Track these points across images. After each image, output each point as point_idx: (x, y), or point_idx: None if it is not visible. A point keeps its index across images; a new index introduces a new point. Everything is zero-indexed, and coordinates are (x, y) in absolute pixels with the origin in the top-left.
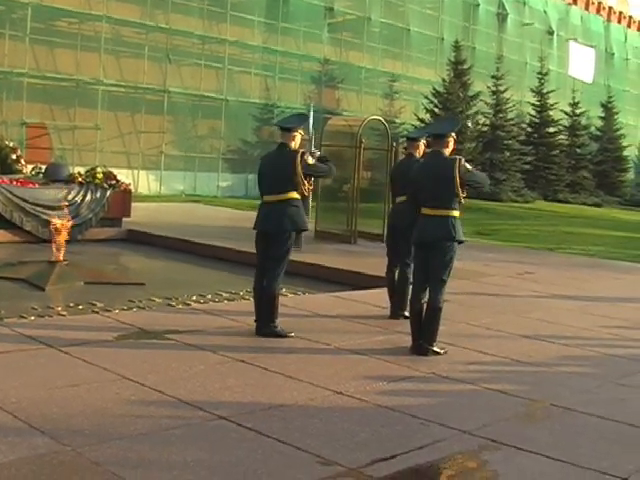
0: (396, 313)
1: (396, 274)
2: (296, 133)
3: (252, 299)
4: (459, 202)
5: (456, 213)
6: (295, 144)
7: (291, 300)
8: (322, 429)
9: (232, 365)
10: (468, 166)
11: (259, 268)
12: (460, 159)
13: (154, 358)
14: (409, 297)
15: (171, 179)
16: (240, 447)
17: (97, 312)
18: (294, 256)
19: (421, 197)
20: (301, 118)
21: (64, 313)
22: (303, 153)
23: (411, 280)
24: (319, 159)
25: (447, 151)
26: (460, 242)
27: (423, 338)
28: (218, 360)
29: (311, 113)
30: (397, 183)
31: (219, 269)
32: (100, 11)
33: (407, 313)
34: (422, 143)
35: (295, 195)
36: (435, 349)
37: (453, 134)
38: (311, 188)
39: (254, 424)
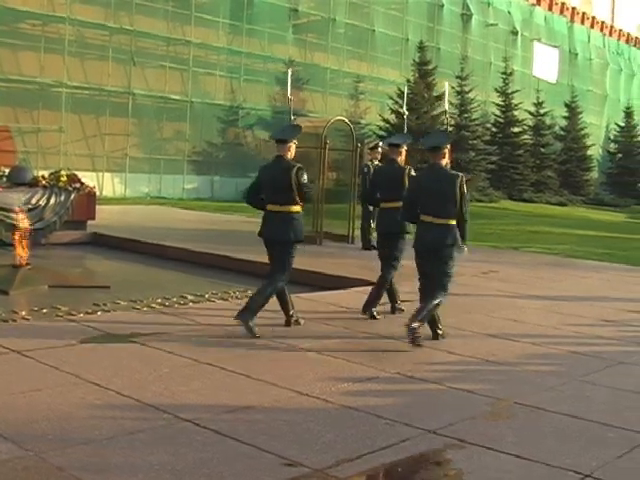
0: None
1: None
2: (291, 144)
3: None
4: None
5: (454, 221)
6: (291, 154)
7: None
8: (287, 430)
9: (197, 368)
10: (465, 188)
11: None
12: (462, 177)
13: (119, 361)
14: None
15: (136, 181)
16: (205, 450)
17: (61, 316)
18: (259, 258)
19: (422, 206)
20: (295, 129)
21: (28, 317)
22: (299, 169)
23: (389, 282)
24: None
25: (444, 162)
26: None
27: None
28: (183, 363)
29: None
30: (382, 188)
31: (185, 271)
32: (63, 13)
33: (375, 312)
34: (404, 149)
35: (297, 208)
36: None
37: (448, 146)
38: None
39: (219, 427)
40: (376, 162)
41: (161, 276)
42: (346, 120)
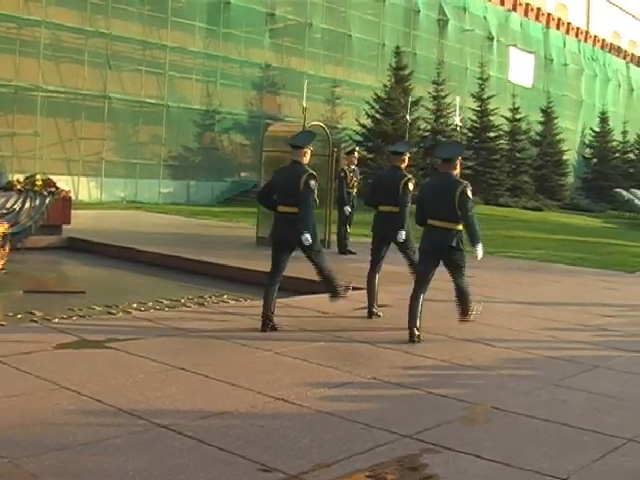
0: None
1: (376, 278)
2: (306, 150)
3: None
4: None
5: (460, 226)
6: (306, 160)
7: (232, 307)
8: (263, 436)
9: (173, 373)
10: (469, 194)
11: (271, 272)
12: (466, 185)
13: (94, 367)
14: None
15: (112, 186)
16: (181, 456)
17: (36, 321)
18: (234, 263)
19: (428, 211)
20: (310, 136)
21: (3, 323)
22: (309, 175)
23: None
24: None
25: (455, 172)
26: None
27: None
28: (159, 368)
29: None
30: (381, 193)
31: (160, 276)
32: (39, 16)
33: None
34: (407, 157)
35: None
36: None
37: (460, 158)
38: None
39: (195, 432)
40: (353, 167)
41: (137, 281)
42: (322, 125)
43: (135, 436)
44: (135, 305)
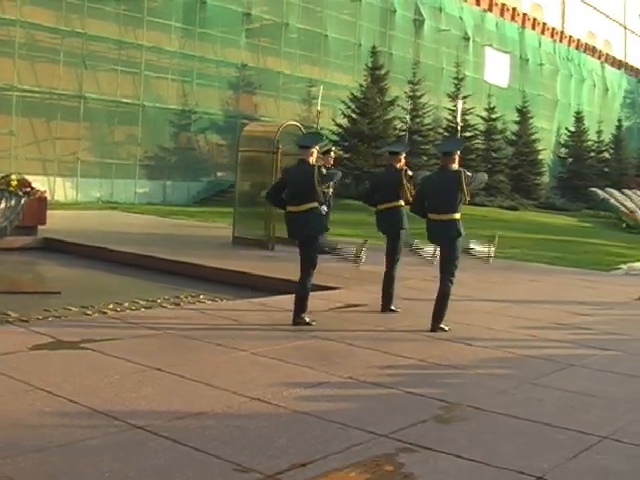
0: (386, 307)
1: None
2: (313, 150)
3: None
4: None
5: (458, 215)
6: (313, 159)
7: (209, 306)
8: (239, 436)
9: (148, 374)
10: (468, 173)
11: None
12: (463, 171)
13: (69, 368)
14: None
15: (88, 186)
16: (157, 456)
17: (12, 322)
18: (210, 263)
19: (429, 204)
20: (317, 137)
21: None
22: (319, 167)
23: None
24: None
25: (454, 166)
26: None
27: (434, 319)
28: (134, 369)
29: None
30: (381, 192)
31: (135, 276)
32: (14, 15)
33: (394, 307)
34: (403, 156)
35: (315, 204)
36: (443, 327)
37: (458, 152)
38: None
39: (170, 433)
40: (328, 166)
41: (113, 281)
42: (298, 125)
43: (111, 437)
44: (111, 306)
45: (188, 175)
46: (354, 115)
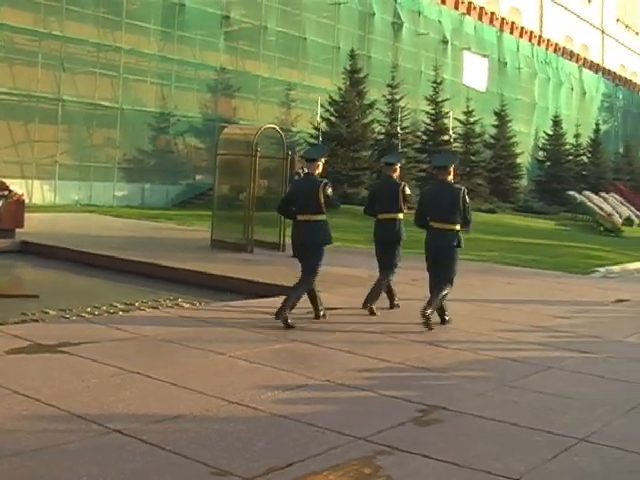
0: (366, 305)
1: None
2: (319, 162)
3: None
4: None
5: (458, 226)
6: (319, 171)
7: (187, 310)
8: (217, 440)
9: (127, 377)
10: (467, 198)
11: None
12: (464, 190)
13: (47, 372)
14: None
15: (66, 189)
16: (135, 460)
17: None
18: (189, 266)
19: (430, 215)
20: (323, 150)
21: None
22: (325, 184)
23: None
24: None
25: (449, 178)
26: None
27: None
28: (112, 372)
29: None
30: (379, 201)
31: (114, 280)
32: None
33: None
34: (398, 166)
35: (323, 217)
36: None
37: (453, 165)
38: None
39: (149, 436)
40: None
41: (90, 284)
42: (277, 128)
43: (89, 441)
44: (89, 309)
45: (167, 178)
46: (333, 118)
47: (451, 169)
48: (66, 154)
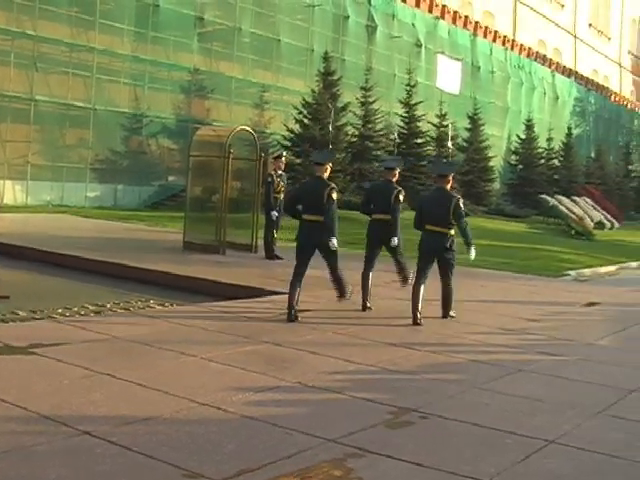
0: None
1: (370, 276)
2: (327, 166)
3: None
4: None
5: (453, 231)
6: (326, 175)
7: (159, 311)
8: (188, 441)
9: (97, 379)
10: (462, 206)
11: (298, 274)
12: (459, 198)
13: (17, 373)
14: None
15: (38, 189)
16: (104, 462)
17: None
18: (160, 267)
19: (426, 218)
20: (331, 154)
21: None
22: (332, 188)
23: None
24: None
25: (448, 186)
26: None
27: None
28: (83, 374)
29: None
30: (375, 202)
31: (86, 281)
32: None
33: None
34: (398, 171)
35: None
36: (452, 314)
37: (452, 174)
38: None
39: (119, 438)
40: (280, 172)
41: (62, 285)
42: (250, 130)
43: (58, 443)
44: (60, 310)
45: (139, 179)
46: (306, 120)
47: (450, 177)
48: (38, 154)
